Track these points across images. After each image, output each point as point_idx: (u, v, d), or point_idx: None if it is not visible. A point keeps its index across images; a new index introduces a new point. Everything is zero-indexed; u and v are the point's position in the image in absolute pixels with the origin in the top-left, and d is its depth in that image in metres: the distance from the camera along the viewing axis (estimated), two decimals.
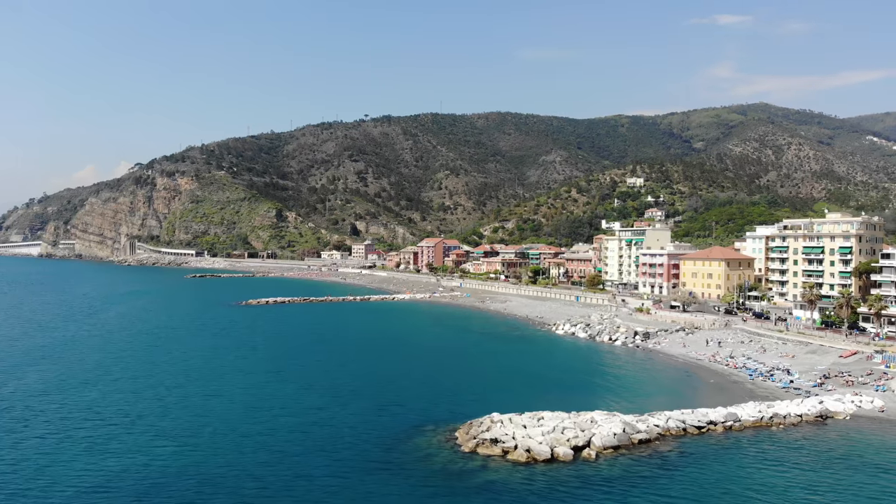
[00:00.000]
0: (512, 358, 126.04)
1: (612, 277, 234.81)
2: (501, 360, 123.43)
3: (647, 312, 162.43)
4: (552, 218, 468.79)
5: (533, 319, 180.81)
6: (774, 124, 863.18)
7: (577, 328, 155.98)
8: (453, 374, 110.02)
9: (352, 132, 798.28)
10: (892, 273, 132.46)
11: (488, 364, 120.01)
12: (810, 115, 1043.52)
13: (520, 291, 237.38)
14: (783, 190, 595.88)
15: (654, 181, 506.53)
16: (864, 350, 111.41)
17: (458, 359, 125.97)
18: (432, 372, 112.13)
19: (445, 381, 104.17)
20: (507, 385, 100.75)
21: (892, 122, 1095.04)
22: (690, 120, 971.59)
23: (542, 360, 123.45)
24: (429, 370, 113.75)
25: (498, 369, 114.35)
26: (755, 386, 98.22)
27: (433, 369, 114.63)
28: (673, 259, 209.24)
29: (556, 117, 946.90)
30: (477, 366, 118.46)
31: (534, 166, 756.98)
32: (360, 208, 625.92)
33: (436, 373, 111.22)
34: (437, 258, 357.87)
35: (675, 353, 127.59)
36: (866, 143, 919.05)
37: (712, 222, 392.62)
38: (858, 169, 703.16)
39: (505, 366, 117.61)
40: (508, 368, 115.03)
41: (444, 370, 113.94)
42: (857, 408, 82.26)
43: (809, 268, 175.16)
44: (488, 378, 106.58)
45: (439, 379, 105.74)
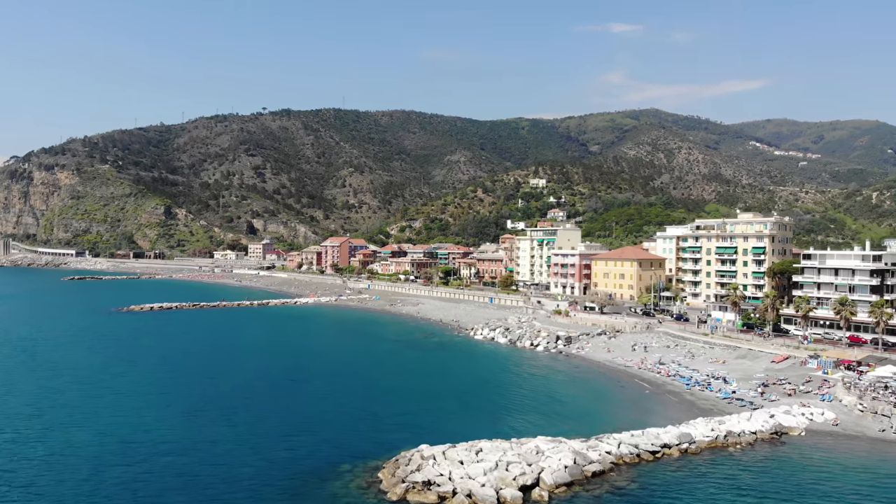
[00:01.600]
0: (433, 370, 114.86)
1: (524, 278, 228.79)
2: (422, 374, 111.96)
3: (565, 315, 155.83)
4: (459, 217, 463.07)
5: (449, 323, 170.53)
6: (665, 129, 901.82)
7: (497, 333, 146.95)
8: (370, 393, 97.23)
9: (248, 125, 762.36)
10: (813, 274, 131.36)
11: (408, 379, 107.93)
12: (698, 121, 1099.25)
13: (432, 293, 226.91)
14: (676, 191, 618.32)
15: (556, 182, 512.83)
16: (796, 354, 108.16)
17: (373, 373, 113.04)
18: (345, 391, 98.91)
19: (361, 402, 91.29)
20: (432, 405, 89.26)
21: (772, 128, 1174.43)
22: (587, 124, 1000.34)
23: (465, 372, 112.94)
24: (341, 389, 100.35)
25: (420, 385, 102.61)
26: (694, 397, 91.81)
27: (346, 388, 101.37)
28: (584, 259, 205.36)
29: (459, 118, 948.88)
30: (395, 382, 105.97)
31: (439, 166, 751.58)
32: (258, 205, 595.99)
33: (350, 392, 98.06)
34: (342, 258, 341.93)
35: (601, 358, 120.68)
36: (749, 147, 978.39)
37: (612, 223, 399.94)
38: (744, 172, 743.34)
39: (427, 381, 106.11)
40: (431, 384, 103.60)
41: (358, 388, 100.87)
42: (810, 421, 76.79)
43: (722, 268, 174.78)
44: (410, 397, 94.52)
45: (354, 400, 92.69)
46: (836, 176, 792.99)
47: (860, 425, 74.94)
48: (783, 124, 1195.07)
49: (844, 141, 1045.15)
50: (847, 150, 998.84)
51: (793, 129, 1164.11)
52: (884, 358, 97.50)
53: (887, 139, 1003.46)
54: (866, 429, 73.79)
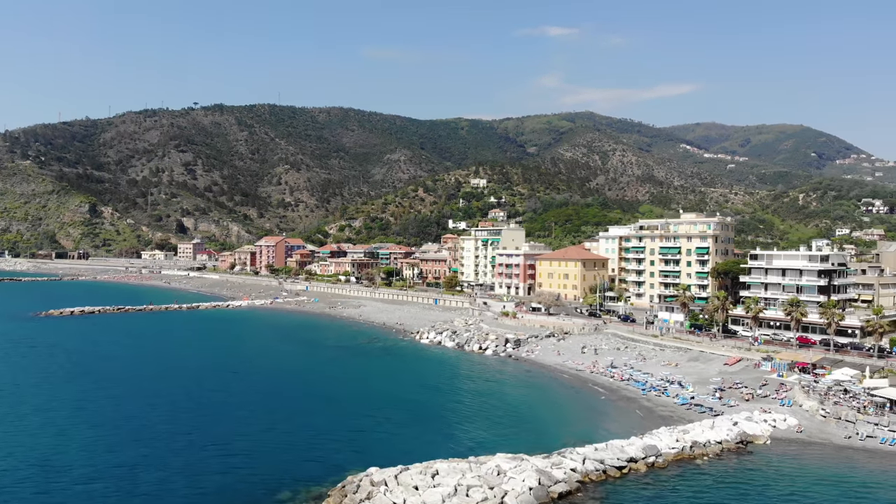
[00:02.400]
0: (379, 379, 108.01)
1: (469, 278, 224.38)
2: (367, 383, 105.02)
3: (513, 317, 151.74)
4: (400, 217, 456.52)
5: (393, 327, 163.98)
6: (600, 132, 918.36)
7: (444, 336, 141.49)
8: (311, 407, 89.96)
9: (179, 120, 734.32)
10: (760, 274, 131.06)
11: (352, 389, 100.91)
12: (631, 124, 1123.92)
13: (374, 295, 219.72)
14: (611, 193, 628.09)
15: (496, 183, 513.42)
16: (749, 356, 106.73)
17: (313, 383, 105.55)
18: (284, 405, 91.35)
19: (301, 416, 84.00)
20: (380, 418, 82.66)
21: (701, 131, 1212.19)
22: (524, 125, 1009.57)
23: (414, 380, 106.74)
24: (279, 402, 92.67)
25: (365, 396, 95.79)
26: (652, 403, 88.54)
27: (284, 401, 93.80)
28: (529, 259, 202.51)
29: (398, 116, 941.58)
30: (339, 392, 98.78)
31: (378, 164, 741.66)
32: (188, 203, 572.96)
33: (288, 406, 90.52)
34: (278, 258, 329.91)
35: (551, 362, 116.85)
36: (680, 150, 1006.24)
37: (551, 223, 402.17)
38: (675, 174, 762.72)
39: (373, 391, 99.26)
40: (377, 394, 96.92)
41: (298, 401, 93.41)
42: (773, 428, 74.25)
43: (666, 268, 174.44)
44: (356, 409, 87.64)
45: (293, 414, 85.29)
46: (762, 178, 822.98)
47: (825, 432, 72.84)
48: (712, 128, 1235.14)
49: (770, 144, 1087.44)
50: (773, 153, 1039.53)
51: (721, 132, 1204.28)
52: (838, 360, 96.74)
53: (811, 143, 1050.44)
54: (831, 435, 71.68)
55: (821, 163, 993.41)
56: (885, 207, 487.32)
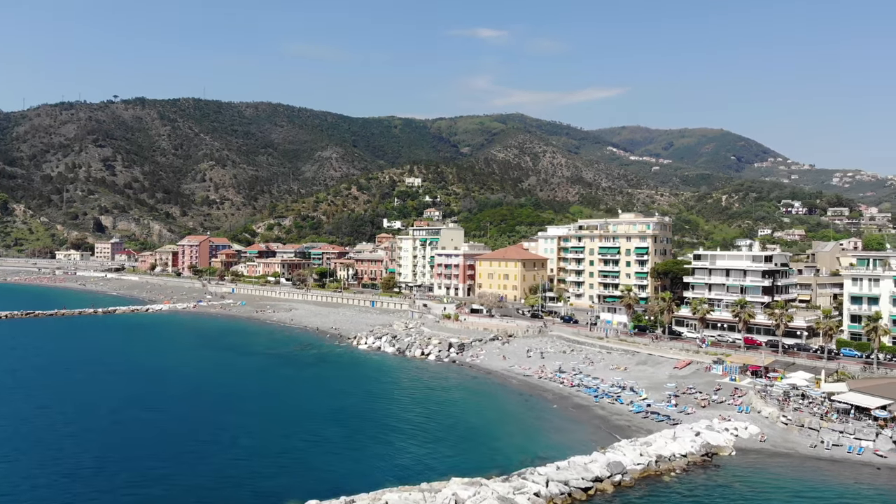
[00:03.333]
0: (314, 390, 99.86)
1: (407, 279, 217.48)
2: (301, 396, 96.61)
3: (455, 319, 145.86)
4: (333, 216, 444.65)
5: (327, 332, 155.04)
6: (530, 133, 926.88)
7: (383, 341, 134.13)
8: (238, 424, 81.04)
9: (98, 114, 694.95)
10: (704, 274, 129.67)
11: (284, 403, 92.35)
12: (559, 127, 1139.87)
13: (306, 297, 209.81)
14: (543, 193, 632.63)
15: (431, 182, 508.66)
16: (698, 359, 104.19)
17: (241, 397, 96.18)
18: (207, 422, 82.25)
19: (228, 436, 75.25)
20: (316, 436, 74.83)
21: (627, 134, 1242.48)
22: (457, 126, 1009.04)
23: (352, 391, 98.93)
24: (201, 420, 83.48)
25: (299, 410, 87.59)
26: (606, 411, 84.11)
27: (208, 418, 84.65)
28: (469, 259, 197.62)
29: (330, 113, 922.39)
30: (269, 407, 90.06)
31: (309, 161, 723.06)
32: (107, 201, 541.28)
33: (212, 424, 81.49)
34: (202, 259, 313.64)
35: (498, 367, 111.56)
36: (607, 153, 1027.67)
37: (487, 223, 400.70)
38: (603, 176, 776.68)
39: (308, 404, 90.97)
40: (313, 408, 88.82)
41: (224, 418, 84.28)
42: (736, 437, 70.79)
43: (605, 268, 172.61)
44: (289, 427, 79.36)
45: (218, 433, 76.46)
46: (685, 180, 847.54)
47: (788, 440, 69.88)
48: (637, 131, 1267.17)
49: (692, 147, 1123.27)
50: (695, 156, 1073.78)
51: (646, 135, 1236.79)
52: (790, 363, 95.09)
53: (730, 146, 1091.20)
54: (796, 444, 68.72)
55: (740, 165, 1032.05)
56: (803, 208, 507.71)
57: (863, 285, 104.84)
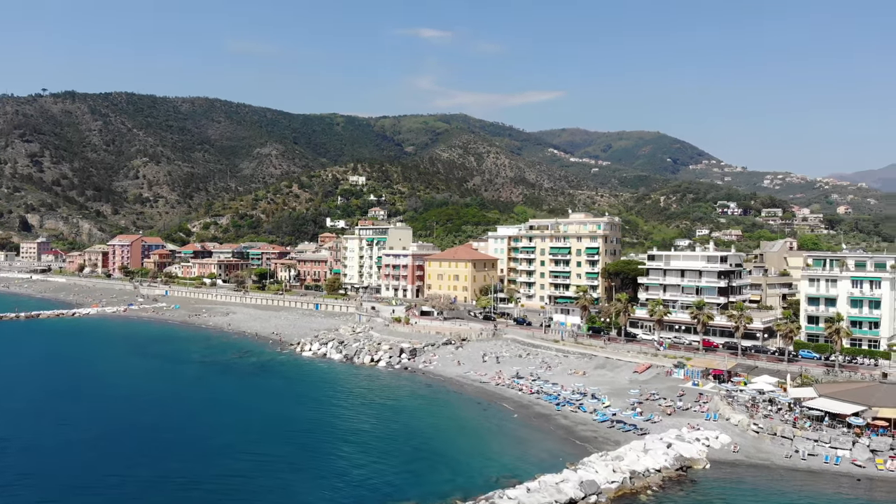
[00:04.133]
0: (254, 403, 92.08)
1: (353, 280, 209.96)
2: (240, 409, 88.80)
3: (406, 323, 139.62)
4: (273, 214, 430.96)
5: (268, 337, 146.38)
6: (474, 134, 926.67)
7: (330, 347, 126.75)
8: (172, 443, 73.08)
9: (25, 108, 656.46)
10: (659, 275, 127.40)
11: (222, 419, 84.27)
12: (502, 128, 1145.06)
13: (245, 300, 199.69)
14: (487, 193, 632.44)
15: (376, 180, 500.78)
16: (658, 363, 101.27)
17: (173, 412, 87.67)
18: (137, 441, 73.91)
19: (160, 457, 67.35)
20: (259, 457, 67.55)
21: (567, 136, 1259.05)
22: (401, 125, 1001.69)
23: (297, 403, 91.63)
24: (131, 439, 75.05)
25: (238, 426, 80.00)
26: (569, 420, 79.69)
27: (138, 435, 76.22)
28: (418, 260, 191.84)
29: (270, 109, 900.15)
30: (205, 423, 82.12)
31: (247, 158, 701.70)
32: (33, 198, 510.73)
33: (143, 443, 73.23)
34: (134, 259, 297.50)
35: (452, 373, 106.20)
36: (548, 154, 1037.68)
37: (433, 222, 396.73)
38: (545, 177, 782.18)
39: (248, 420, 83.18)
40: (253, 423, 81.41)
41: (156, 435, 76.05)
42: (708, 448, 67.26)
43: (556, 269, 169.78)
44: (227, 446, 71.87)
45: (150, 454, 68.47)
46: (623, 181, 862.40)
47: (762, 450, 66.80)
48: (576, 133, 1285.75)
49: (629, 150, 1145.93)
50: (632, 158, 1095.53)
51: (585, 137, 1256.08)
52: (753, 367, 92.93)
53: (666, 149, 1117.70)
54: (771, 455, 65.67)
55: (675, 167, 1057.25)
56: (739, 209, 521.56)
57: (820, 286, 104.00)
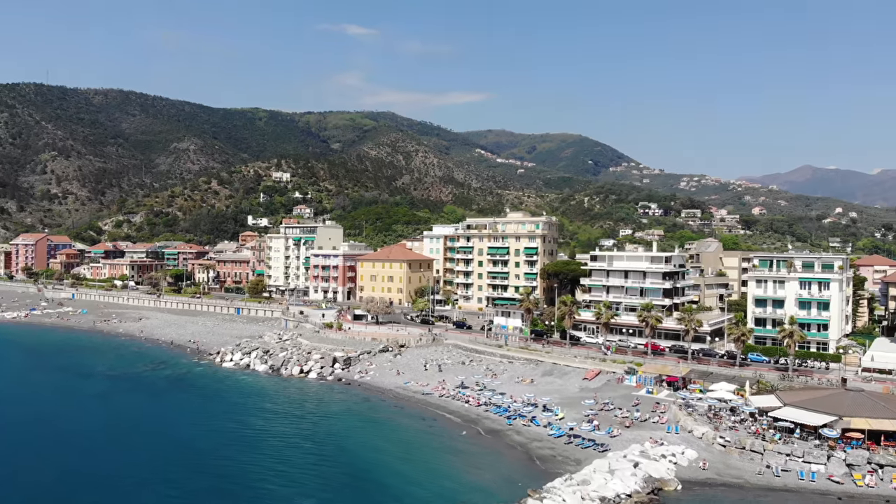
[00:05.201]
0: (166, 425, 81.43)
1: (278, 282, 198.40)
2: (150, 432, 78.01)
3: (338, 329, 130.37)
4: (191, 212, 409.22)
5: (185, 346, 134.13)
6: (402, 132, 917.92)
7: (253, 357, 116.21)
8: (73, 471, 62.23)
9: None
10: (602, 276, 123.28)
11: (130, 445, 73.41)
12: (430, 127, 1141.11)
13: (159, 304, 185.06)
14: (417, 192, 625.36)
15: (301, 177, 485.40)
16: (607, 368, 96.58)
17: (74, 438, 76.21)
18: (30, 471, 62.68)
19: (57, 490, 56.63)
20: (171, 491, 57.94)
21: (493, 137, 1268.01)
22: (327, 121, 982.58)
23: (217, 423, 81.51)
24: (23, 469, 63.66)
25: (148, 452, 69.49)
26: (523, 436, 73.34)
27: (33, 465, 64.83)
28: (349, 260, 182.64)
29: (188, 102, 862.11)
30: (110, 449, 71.24)
31: (164, 153, 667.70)
32: None
33: (37, 472, 62.09)
34: (39, 260, 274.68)
35: (392, 385, 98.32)
36: (476, 154, 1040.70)
37: (362, 221, 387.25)
38: (473, 177, 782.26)
39: (159, 443, 72.87)
40: (166, 449, 71.12)
41: (52, 464, 64.85)
42: (675, 465, 62.23)
43: (494, 269, 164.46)
44: (135, 477, 61.66)
45: (44, 487, 57.61)
46: (548, 183, 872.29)
47: (732, 466, 62.25)
48: (502, 135, 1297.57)
49: (553, 152, 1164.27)
50: (556, 159, 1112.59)
51: (510, 139, 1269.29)
52: (707, 373, 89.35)
53: (588, 151, 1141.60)
54: (742, 471, 61.17)
55: (597, 169, 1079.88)
56: (659, 210, 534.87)
57: (767, 287, 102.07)
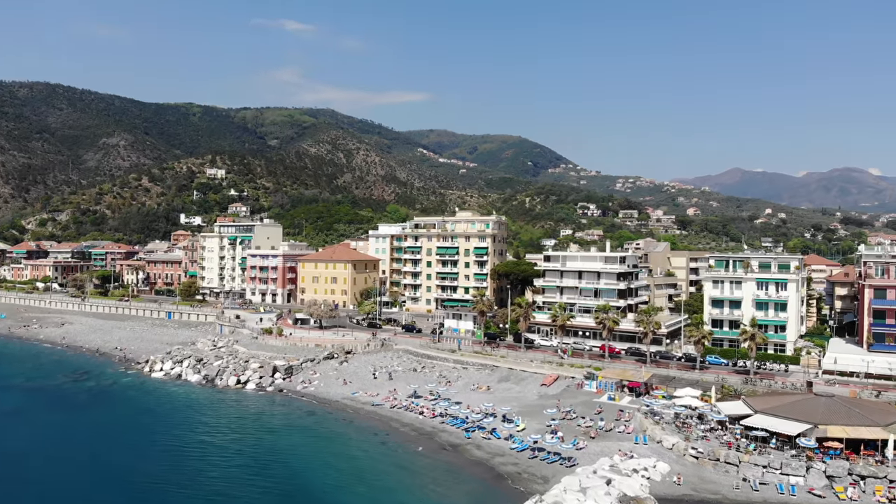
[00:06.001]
0: (90, 444, 72.95)
1: (213, 284, 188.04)
2: (72, 455, 69.39)
3: (279, 334, 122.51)
4: (120, 210, 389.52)
5: (112, 354, 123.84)
6: (343, 130, 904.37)
7: (185, 367, 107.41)
8: None
9: None
10: (555, 277, 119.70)
11: (47, 470, 64.85)
12: (371, 126, 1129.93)
13: (84, 308, 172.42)
14: (359, 191, 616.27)
15: (237, 174, 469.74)
16: (566, 373, 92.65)
17: None
18: None
19: None
20: None
21: (435, 137, 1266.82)
22: (264, 117, 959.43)
23: (144, 443, 73.41)
24: None
25: (68, 479, 61.30)
26: (484, 451, 68.31)
27: None
28: (289, 261, 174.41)
29: (118, 97, 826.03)
30: (23, 478, 62.58)
31: (92, 149, 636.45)
32: None
33: None
34: None
35: (338, 395, 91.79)
36: (418, 154, 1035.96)
37: (302, 220, 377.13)
38: (416, 176, 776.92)
39: (79, 468, 64.63)
40: (87, 474, 63.01)
41: None
42: (648, 480, 58.30)
43: (444, 270, 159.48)
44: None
45: None
46: (490, 183, 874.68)
47: (707, 480, 58.75)
48: (444, 135, 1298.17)
49: (494, 153, 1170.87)
50: (496, 160, 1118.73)
51: (452, 139, 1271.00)
52: (670, 377, 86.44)
53: (528, 153, 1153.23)
54: (718, 485, 57.69)
55: (536, 170, 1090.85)
56: (598, 210, 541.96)
57: (724, 288, 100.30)
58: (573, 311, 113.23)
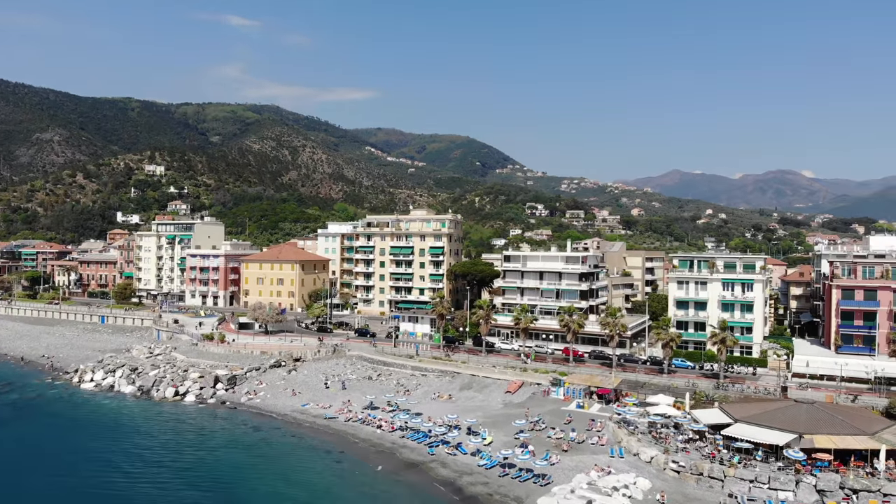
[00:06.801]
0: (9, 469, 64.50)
1: (150, 286, 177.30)
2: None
3: (221, 341, 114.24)
4: (53, 207, 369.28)
5: (38, 362, 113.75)
6: (288, 126, 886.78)
7: (119, 377, 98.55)
8: None
9: None
10: (516, 278, 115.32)
11: None
12: (318, 123, 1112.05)
13: (10, 311, 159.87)
14: (305, 189, 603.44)
15: (176, 171, 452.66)
16: (530, 379, 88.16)
17: None
18: None
19: None
20: None
21: (383, 136, 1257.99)
22: (206, 112, 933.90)
23: (72, 464, 65.31)
24: None
25: None
26: (451, 470, 62.94)
27: None
28: (231, 261, 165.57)
29: (53, 91, 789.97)
30: None
31: (25, 144, 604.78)
32: None
33: None
34: None
35: (287, 408, 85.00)
36: (366, 152, 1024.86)
37: (245, 218, 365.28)
38: (364, 175, 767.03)
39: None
40: None
41: None
42: (629, 500, 54.01)
43: (398, 270, 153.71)
44: None
45: None
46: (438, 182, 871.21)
47: (693, 498, 54.78)
48: (392, 133, 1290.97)
49: (443, 152, 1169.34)
50: (445, 160, 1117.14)
51: (400, 138, 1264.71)
52: (640, 383, 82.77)
53: (476, 153, 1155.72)
54: (705, 503, 53.90)
55: (484, 171, 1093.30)
56: (546, 210, 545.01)
57: (689, 289, 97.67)
58: (535, 312, 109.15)
